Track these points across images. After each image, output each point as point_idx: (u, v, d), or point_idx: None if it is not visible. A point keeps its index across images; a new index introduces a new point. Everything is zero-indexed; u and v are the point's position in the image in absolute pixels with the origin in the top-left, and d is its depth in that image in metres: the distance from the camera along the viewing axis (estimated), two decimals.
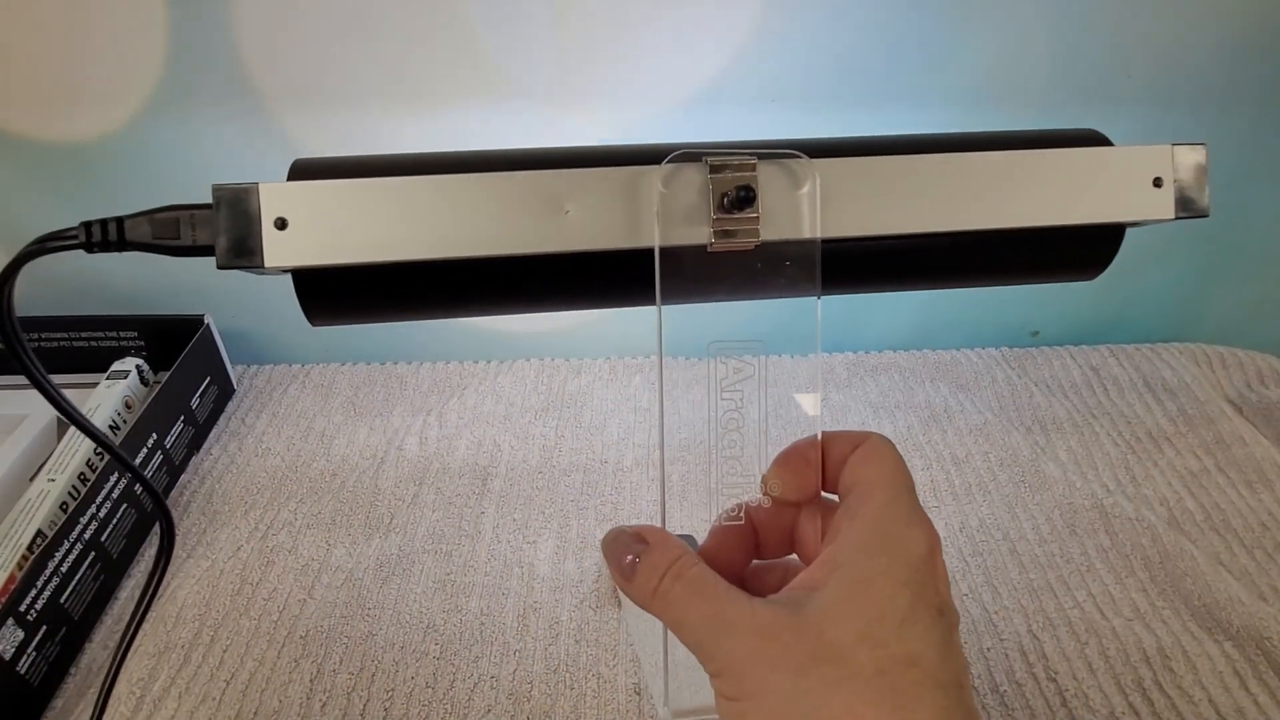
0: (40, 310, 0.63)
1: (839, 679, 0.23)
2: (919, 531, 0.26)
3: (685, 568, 0.26)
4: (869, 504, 0.26)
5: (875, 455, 0.28)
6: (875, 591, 0.24)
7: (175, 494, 0.56)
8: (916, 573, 0.24)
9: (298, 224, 0.26)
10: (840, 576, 0.25)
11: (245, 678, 0.45)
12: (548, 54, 0.50)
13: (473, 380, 0.65)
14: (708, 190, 0.27)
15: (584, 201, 0.27)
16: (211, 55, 0.50)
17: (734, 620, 0.24)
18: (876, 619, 0.23)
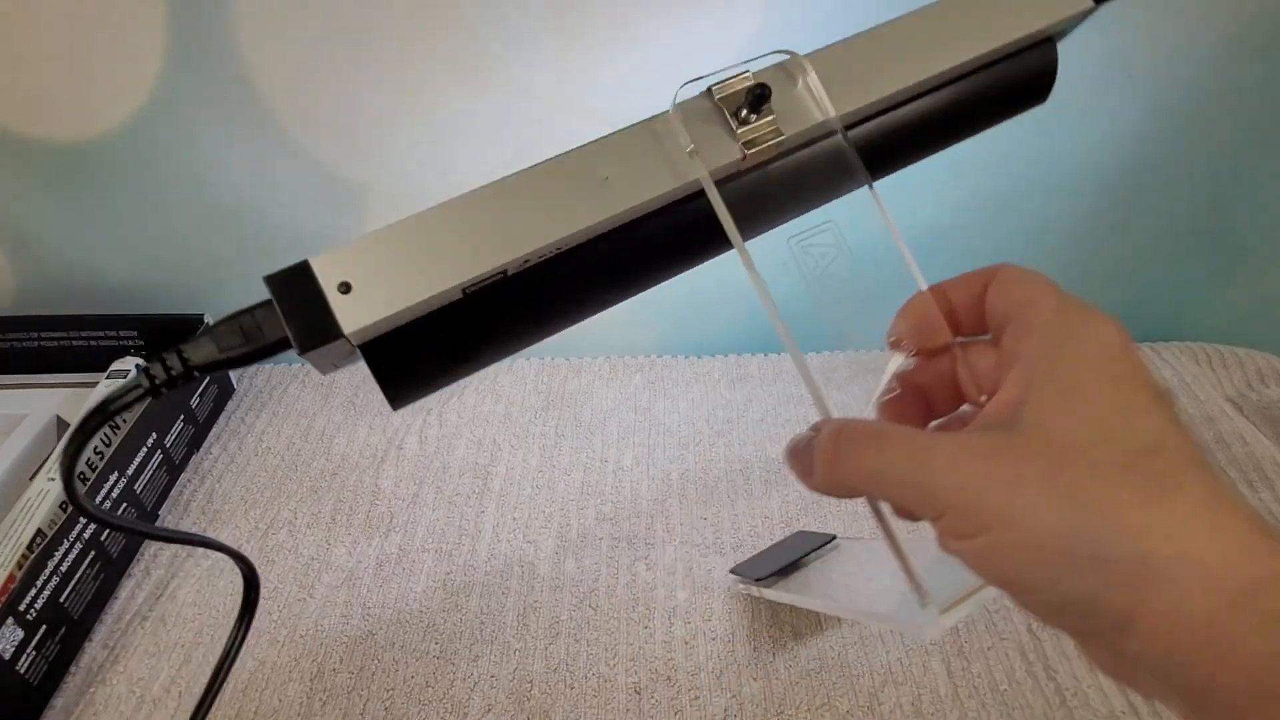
0: (40, 310, 0.63)
1: (1090, 479, 0.20)
2: (1104, 324, 0.23)
3: (859, 425, 0.24)
4: (1038, 316, 0.24)
5: (1018, 278, 0.26)
6: (1087, 391, 0.22)
7: (175, 493, 0.56)
8: (1120, 364, 0.22)
9: (361, 281, 0.25)
10: (1042, 390, 0.22)
11: (245, 678, 0.45)
12: (548, 54, 0.50)
13: (473, 380, 0.65)
14: (721, 111, 0.27)
15: (618, 164, 0.27)
16: (211, 55, 0.50)
17: (943, 452, 0.22)
18: (1100, 417, 0.21)
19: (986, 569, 0.22)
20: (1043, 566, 0.21)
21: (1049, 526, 0.20)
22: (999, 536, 0.21)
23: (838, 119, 0.28)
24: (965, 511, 0.21)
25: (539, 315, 0.29)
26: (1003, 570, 0.21)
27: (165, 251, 0.60)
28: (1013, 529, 0.21)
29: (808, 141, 0.29)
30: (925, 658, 0.45)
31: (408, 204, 0.59)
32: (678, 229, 0.29)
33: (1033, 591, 0.21)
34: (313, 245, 0.63)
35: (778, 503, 0.54)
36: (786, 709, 0.43)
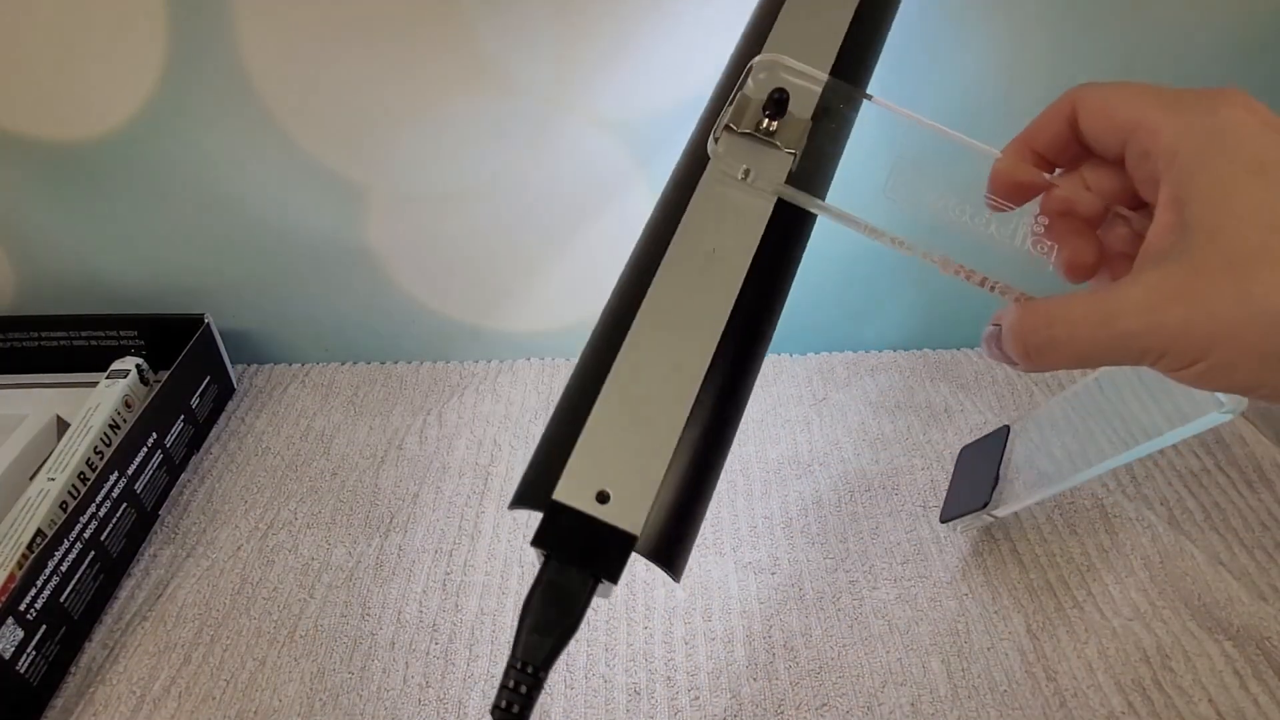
0: (40, 310, 0.63)
1: (1276, 277, 0.21)
2: (1222, 111, 0.23)
3: (1037, 318, 0.24)
4: (1158, 136, 0.24)
5: (1108, 101, 0.25)
6: (1240, 192, 0.22)
7: (175, 493, 0.56)
8: (1257, 144, 0.22)
9: (606, 483, 0.25)
10: (1199, 207, 0.22)
11: (245, 678, 0.45)
12: (548, 54, 0.50)
13: (473, 380, 0.65)
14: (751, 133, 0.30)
15: (711, 232, 0.29)
16: (211, 55, 0.50)
17: (1134, 309, 0.22)
18: (1261, 212, 0.21)
19: (1214, 385, 0.23)
20: (1260, 369, 0.22)
21: (1259, 335, 0.21)
22: (1216, 359, 0.22)
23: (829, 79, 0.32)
24: (1178, 350, 0.22)
25: (739, 396, 0.29)
26: (1229, 383, 0.23)
27: (165, 252, 0.60)
28: (1225, 348, 0.21)
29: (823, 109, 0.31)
30: (925, 658, 0.45)
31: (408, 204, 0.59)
32: (789, 243, 0.30)
33: (1260, 388, 0.22)
34: (313, 245, 0.63)
35: (778, 503, 0.54)
36: (786, 709, 0.43)
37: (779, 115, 0.30)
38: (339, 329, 0.65)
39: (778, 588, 0.49)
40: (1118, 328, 0.23)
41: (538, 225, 0.58)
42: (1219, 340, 0.21)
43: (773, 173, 0.29)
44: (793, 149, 0.30)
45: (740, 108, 0.30)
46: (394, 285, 0.62)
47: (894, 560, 0.50)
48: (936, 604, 0.47)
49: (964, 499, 0.44)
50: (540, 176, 0.55)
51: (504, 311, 0.64)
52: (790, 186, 0.29)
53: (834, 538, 0.51)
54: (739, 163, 0.29)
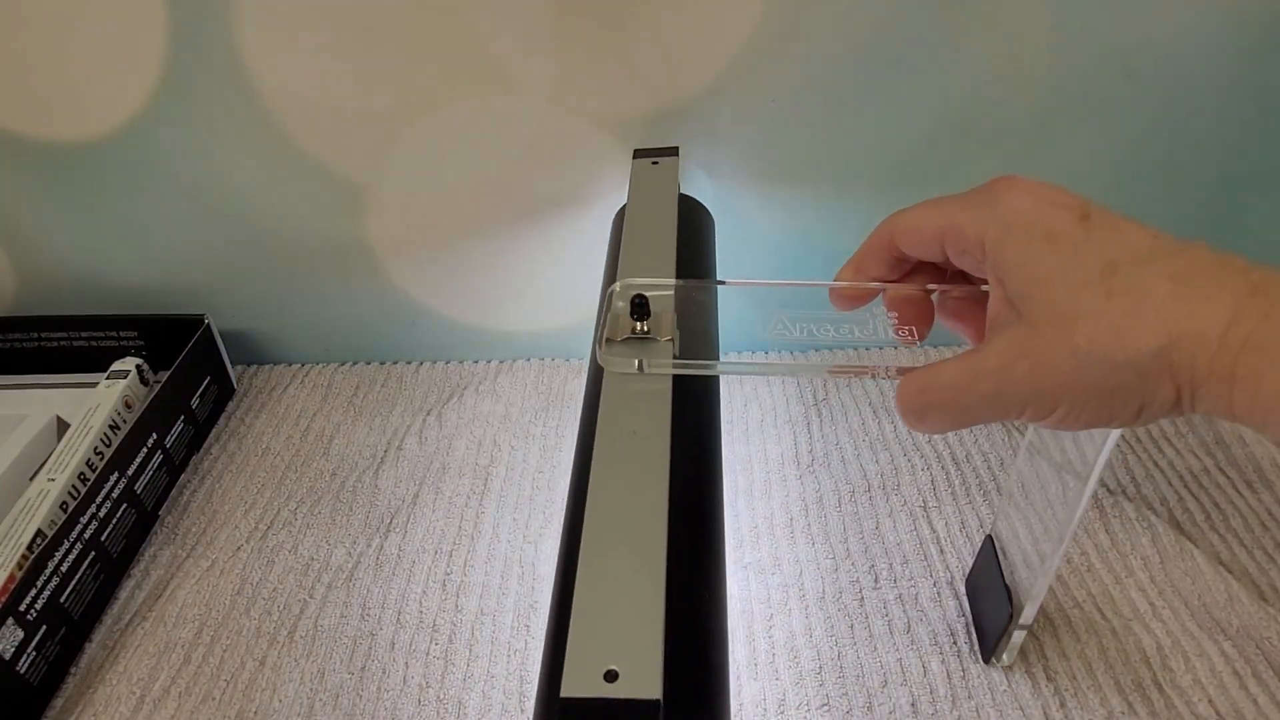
0: (40, 310, 0.63)
1: (1092, 328, 0.24)
2: (1006, 203, 0.27)
3: (910, 391, 0.28)
4: (964, 237, 0.28)
5: (915, 221, 0.30)
6: (1039, 262, 0.25)
7: (175, 493, 0.56)
8: (1041, 219, 0.26)
9: (608, 659, 0.25)
10: (1012, 283, 0.26)
11: (245, 678, 0.45)
12: (548, 54, 0.50)
13: (473, 380, 0.65)
14: (630, 337, 0.35)
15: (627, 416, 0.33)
16: (211, 55, 0.50)
17: (990, 373, 0.26)
18: (1061, 274, 0.24)
19: (1076, 426, 0.26)
20: (1106, 405, 0.25)
21: (1095, 378, 0.24)
22: (1068, 404, 0.25)
23: (677, 281, 0.38)
24: (1035, 402, 0.25)
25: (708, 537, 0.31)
26: (1087, 421, 0.25)
27: (165, 252, 0.60)
28: (1070, 394, 0.25)
29: (682, 301, 0.37)
30: (925, 658, 0.45)
31: (408, 204, 0.59)
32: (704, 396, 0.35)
33: (1113, 419, 0.25)
34: (312, 245, 0.63)
35: (778, 503, 0.54)
36: (786, 709, 0.43)
37: (645, 316, 0.35)
38: (339, 329, 0.65)
39: (778, 588, 0.49)
40: (980, 389, 0.26)
41: (538, 225, 0.58)
42: (1063, 388, 0.25)
43: (661, 357, 0.34)
44: (668, 336, 0.34)
45: (613, 324, 0.35)
46: (394, 285, 0.62)
47: (894, 560, 0.50)
48: (936, 604, 0.47)
49: (992, 625, 0.45)
50: (540, 176, 0.55)
51: (504, 311, 0.64)
52: (682, 360, 0.34)
53: (834, 538, 0.51)
54: (630, 359, 0.34)
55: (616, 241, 0.45)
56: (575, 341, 0.66)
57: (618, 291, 0.36)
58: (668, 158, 0.51)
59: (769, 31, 0.49)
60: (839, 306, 0.33)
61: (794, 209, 0.57)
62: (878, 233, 0.31)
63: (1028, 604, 0.41)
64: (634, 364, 0.34)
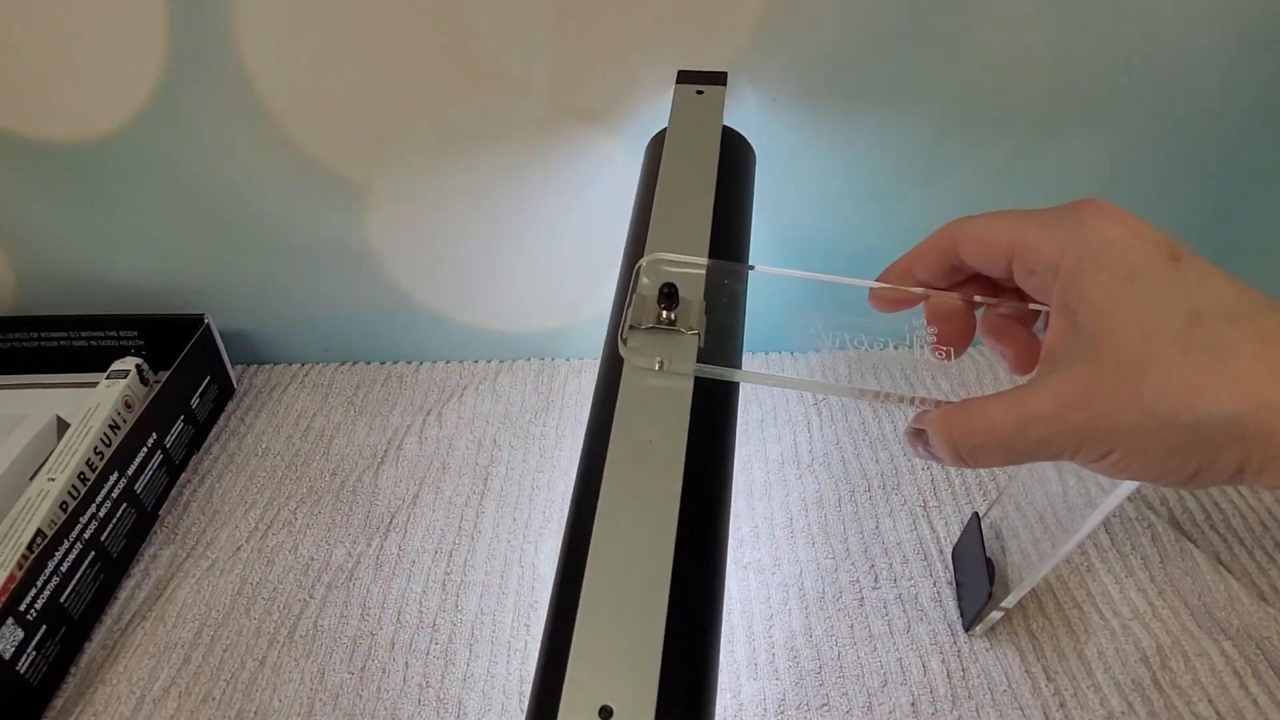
0: (40, 310, 0.63)
1: (1163, 376, 0.22)
2: (1094, 228, 0.25)
3: (959, 425, 0.26)
4: (1040, 255, 0.26)
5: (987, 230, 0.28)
6: (1119, 299, 0.24)
7: (175, 493, 0.56)
8: (1128, 254, 0.24)
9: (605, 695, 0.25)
10: (1084, 317, 0.24)
11: (245, 678, 0.45)
12: (548, 54, 0.50)
13: (473, 380, 0.65)
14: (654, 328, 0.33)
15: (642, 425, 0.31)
16: (211, 55, 0.50)
17: (1045, 413, 0.24)
18: (1139, 316, 0.23)
19: (1126, 475, 0.24)
20: (1162, 463, 0.23)
21: (1156, 435, 0.23)
22: (1121, 453, 0.24)
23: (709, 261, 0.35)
24: (1088, 448, 0.24)
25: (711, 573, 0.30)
26: (1138, 472, 0.24)
27: (165, 251, 0.60)
28: (1127, 444, 0.23)
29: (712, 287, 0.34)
30: (925, 658, 0.45)
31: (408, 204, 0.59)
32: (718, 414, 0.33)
33: (1164, 478, 0.24)
34: (312, 245, 0.63)
35: (778, 503, 0.54)
36: (786, 709, 0.43)
37: (673, 305, 0.33)
38: (339, 329, 0.65)
39: (778, 587, 0.49)
40: (1033, 434, 0.25)
41: (538, 225, 0.58)
42: (1121, 437, 0.23)
43: (684, 356, 0.32)
44: (694, 329, 0.33)
45: (639, 308, 0.33)
46: (394, 285, 0.62)
47: (894, 560, 0.50)
48: (937, 604, 0.47)
49: (972, 598, 0.45)
50: (540, 176, 0.55)
51: (504, 311, 0.64)
52: (703, 364, 0.32)
53: (834, 538, 0.51)
54: (651, 357, 0.32)
55: (649, 184, 0.41)
56: (575, 341, 0.66)
57: (645, 268, 0.34)
58: (714, 86, 0.47)
59: (769, 30, 0.49)
60: (878, 308, 0.31)
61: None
62: (938, 236, 0.29)
63: (1012, 594, 0.41)
64: (655, 363, 0.32)
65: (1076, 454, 0.24)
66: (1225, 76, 0.52)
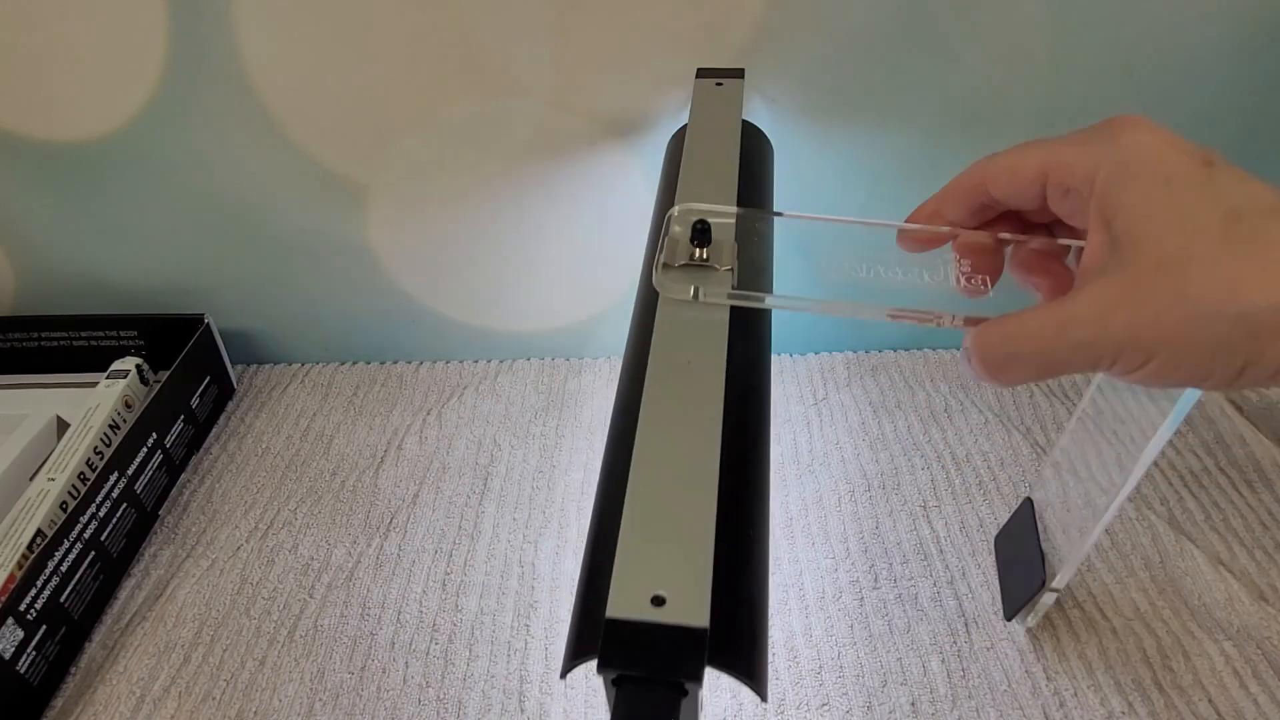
0: (40, 310, 0.63)
1: (1206, 275, 0.22)
2: (1126, 141, 0.25)
3: (993, 338, 0.26)
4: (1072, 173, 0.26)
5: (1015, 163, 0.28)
6: (1156, 204, 0.24)
7: (175, 493, 0.56)
8: (1163, 161, 0.24)
9: (655, 584, 0.24)
10: (1122, 225, 0.24)
11: (245, 678, 0.45)
12: (548, 54, 0.50)
13: (473, 380, 0.65)
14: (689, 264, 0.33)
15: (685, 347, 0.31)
16: (211, 55, 0.50)
17: (1085, 318, 0.24)
18: (1180, 218, 0.23)
19: (1166, 382, 0.24)
20: (1207, 361, 0.23)
21: (1201, 331, 0.22)
22: (1164, 357, 0.23)
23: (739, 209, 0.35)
24: (1128, 354, 0.24)
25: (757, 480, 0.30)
26: (1179, 377, 0.24)
27: (165, 251, 0.60)
28: (1170, 346, 0.23)
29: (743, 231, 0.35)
30: (925, 658, 0.45)
31: (408, 204, 0.59)
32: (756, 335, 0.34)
33: (1209, 378, 0.24)
34: (312, 245, 0.63)
35: (778, 503, 0.54)
36: (786, 709, 0.43)
37: (706, 243, 0.33)
38: (339, 329, 0.65)
39: (778, 587, 0.49)
40: (1070, 338, 0.24)
41: (538, 225, 0.58)
42: (1163, 339, 0.23)
43: (719, 286, 0.32)
44: (728, 266, 0.33)
45: (671, 249, 0.33)
46: (394, 285, 0.62)
47: (894, 560, 0.50)
48: (936, 604, 0.47)
49: (1021, 586, 0.44)
50: (540, 176, 0.55)
51: (504, 311, 0.64)
52: (739, 291, 0.32)
53: (834, 538, 0.51)
54: (686, 286, 0.32)
55: (674, 164, 0.42)
56: (575, 341, 0.66)
57: (676, 216, 0.34)
58: (732, 79, 0.48)
59: (769, 30, 0.49)
60: (907, 249, 0.31)
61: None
62: (967, 174, 0.29)
63: (1061, 570, 0.41)
64: (689, 290, 0.32)
65: (1116, 361, 0.24)
66: (1225, 77, 0.52)
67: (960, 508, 0.53)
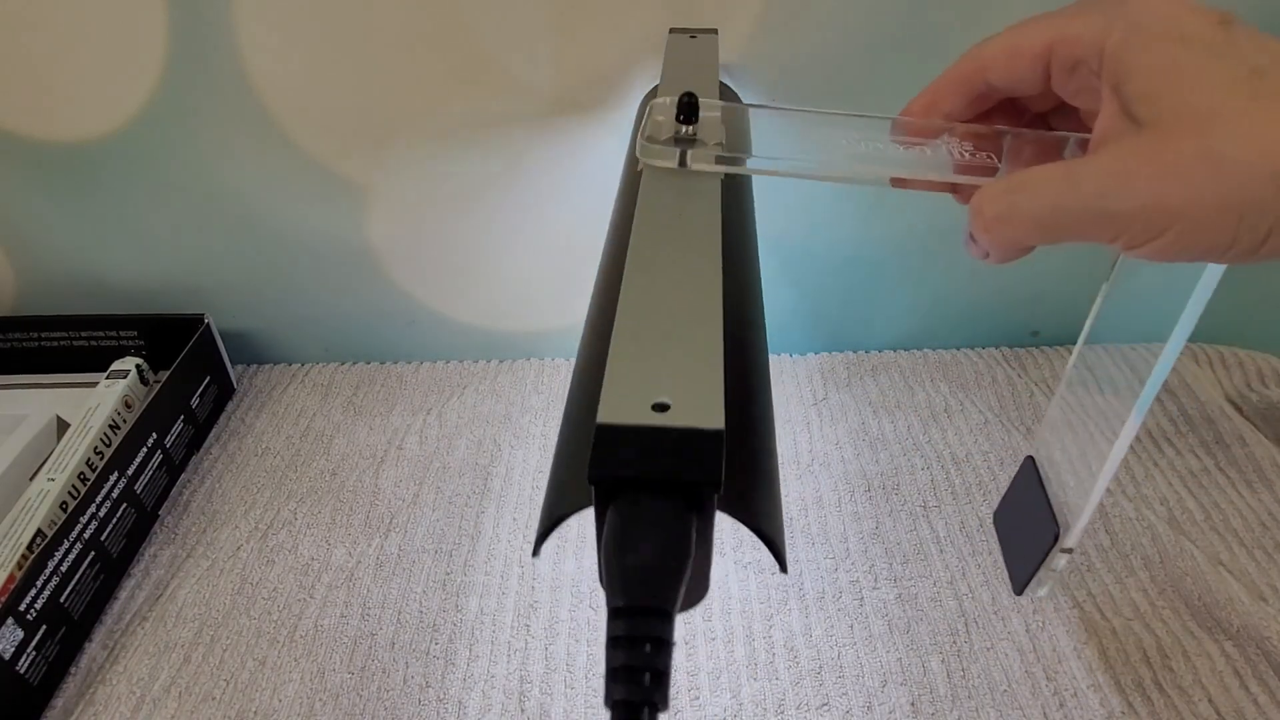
0: (40, 310, 0.63)
1: (1234, 137, 0.21)
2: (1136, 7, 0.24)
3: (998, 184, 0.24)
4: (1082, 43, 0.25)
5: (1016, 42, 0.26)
6: (1177, 66, 0.22)
7: (175, 493, 0.56)
8: (1179, 22, 0.23)
9: (658, 390, 0.20)
10: (1140, 89, 0.23)
11: (245, 678, 0.45)
12: (547, 53, 0.50)
13: (473, 380, 0.65)
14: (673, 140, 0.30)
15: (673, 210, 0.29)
16: (211, 55, 0.50)
17: (1099, 175, 0.23)
18: (1202, 79, 0.22)
19: (1184, 252, 0.23)
20: (1231, 226, 0.22)
21: (1228, 189, 0.21)
22: (1188, 220, 0.22)
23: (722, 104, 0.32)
24: (1147, 217, 0.22)
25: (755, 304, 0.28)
26: (1200, 246, 0.22)
27: (165, 252, 0.60)
28: (1196, 207, 0.21)
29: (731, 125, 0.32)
30: (925, 658, 0.45)
31: (408, 204, 0.59)
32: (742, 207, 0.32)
33: (1232, 246, 0.22)
34: (312, 245, 0.63)
35: None
36: (786, 709, 0.43)
37: (693, 118, 0.30)
38: (339, 329, 0.65)
39: (778, 587, 0.49)
40: (1083, 191, 0.23)
41: (538, 225, 0.58)
42: (1187, 201, 0.21)
43: (707, 152, 0.30)
44: (718, 141, 0.30)
45: (654, 126, 0.30)
46: (394, 285, 0.62)
47: (894, 560, 0.50)
48: (936, 604, 0.47)
49: (1030, 551, 0.42)
50: (540, 176, 0.55)
51: (504, 311, 0.64)
52: (731, 155, 0.30)
53: (834, 538, 0.51)
54: (671, 152, 0.29)
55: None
56: (575, 341, 0.65)
57: (658, 104, 0.31)
58: (706, 34, 0.46)
59: (769, 31, 0.49)
60: (901, 141, 0.30)
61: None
62: (961, 63, 0.28)
63: (1073, 526, 0.39)
64: (675, 156, 0.29)
65: (1130, 226, 0.22)
66: None
67: (960, 508, 0.53)
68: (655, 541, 0.18)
